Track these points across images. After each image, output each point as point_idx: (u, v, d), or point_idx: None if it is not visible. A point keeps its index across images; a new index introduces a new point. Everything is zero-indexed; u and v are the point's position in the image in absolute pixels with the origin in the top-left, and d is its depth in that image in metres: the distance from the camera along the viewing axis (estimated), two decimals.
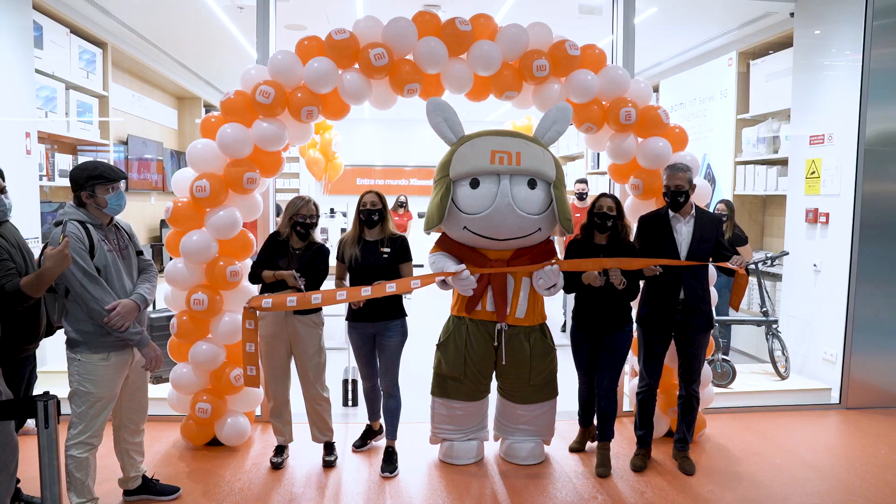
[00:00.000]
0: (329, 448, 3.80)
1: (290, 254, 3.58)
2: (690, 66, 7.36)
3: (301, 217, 3.53)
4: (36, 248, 3.61)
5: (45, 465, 1.93)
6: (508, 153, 3.42)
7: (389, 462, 3.70)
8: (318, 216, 3.62)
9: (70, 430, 2.86)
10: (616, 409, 3.76)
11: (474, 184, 3.46)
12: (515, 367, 3.65)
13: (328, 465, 3.73)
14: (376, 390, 3.86)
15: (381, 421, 3.92)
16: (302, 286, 3.44)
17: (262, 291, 3.61)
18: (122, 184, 2.95)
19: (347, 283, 3.69)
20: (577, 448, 4.00)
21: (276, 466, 3.70)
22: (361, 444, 4.00)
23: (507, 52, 3.75)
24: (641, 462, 3.74)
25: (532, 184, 3.46)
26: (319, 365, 3.68)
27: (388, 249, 3.59)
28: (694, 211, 3.62)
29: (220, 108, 3.79)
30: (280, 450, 3.78)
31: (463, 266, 3.47)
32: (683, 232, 3.58)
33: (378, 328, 3.65)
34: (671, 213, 3.60)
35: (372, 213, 3.59)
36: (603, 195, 3.62)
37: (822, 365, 5.07)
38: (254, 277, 3.60)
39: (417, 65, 3.72)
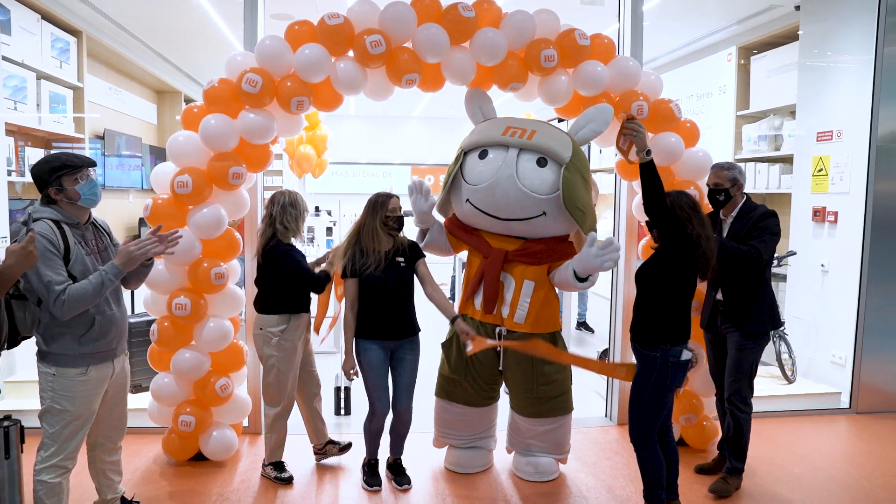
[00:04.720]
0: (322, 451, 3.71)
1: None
2: (688, 62, 7.20)
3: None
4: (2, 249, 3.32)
5: (6, 500, 1.66)
6: (523, 129, 3.30)
7: (402, 473, 3.52)
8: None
9: (40, 452, 2.55)
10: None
11: (483, 154, 3.34)
12: (517, 376, 3.42)
13: (322, 463, 3.63)
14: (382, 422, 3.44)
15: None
16: None
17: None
18: (93, 171, 2.66)
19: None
20: None
21: (288, 481, 3.48)
22: (374, 483, 3.46)
23: (512, 40, 3.52)
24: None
25: (542, 162, 3.26)
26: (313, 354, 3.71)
27: (401, 259, 3.35)
28: (736, 212, 3.40)
29: (204, 97, 3.52)
30: (281, 464, 3.55)
31: None
32: (725, 232, 3.42)
33: (398, 343, 3.38)
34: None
35: (402, 220, 3.37)
36: None
37: (831, 368, 4.93)
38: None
39: (417, 53, 3.48)
